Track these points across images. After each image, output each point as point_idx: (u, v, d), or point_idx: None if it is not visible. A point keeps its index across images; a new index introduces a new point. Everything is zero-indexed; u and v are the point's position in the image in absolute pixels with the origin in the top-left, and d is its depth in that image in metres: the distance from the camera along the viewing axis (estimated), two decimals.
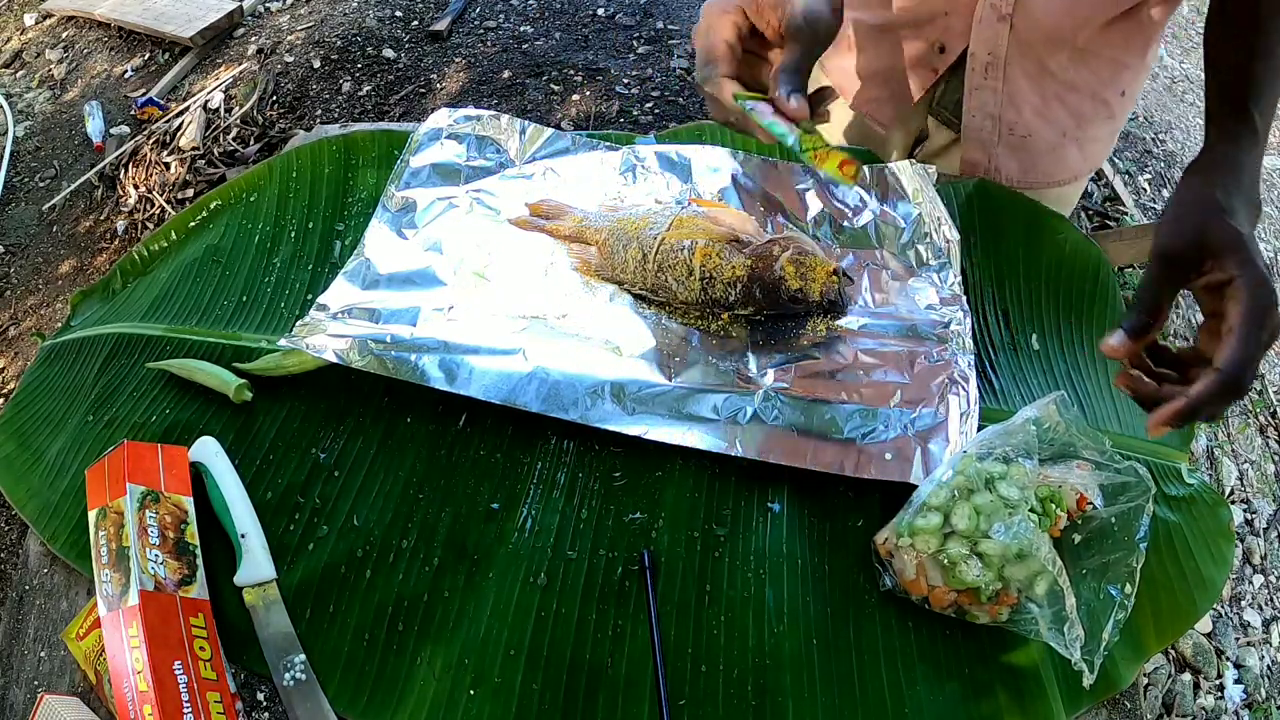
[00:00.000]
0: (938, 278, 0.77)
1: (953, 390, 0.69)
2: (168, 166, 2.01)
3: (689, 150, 0.86)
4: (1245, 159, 0.60)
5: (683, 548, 0.65)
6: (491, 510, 0.67)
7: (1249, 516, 1.55)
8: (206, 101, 2.14)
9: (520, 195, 0.84)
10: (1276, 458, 1.68)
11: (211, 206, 0.88)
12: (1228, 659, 1.35)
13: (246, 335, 0.78)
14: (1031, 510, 0.58)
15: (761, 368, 0.71)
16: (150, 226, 1.95)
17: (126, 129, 2.15)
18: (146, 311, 0.81)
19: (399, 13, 2.38)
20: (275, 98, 2.17)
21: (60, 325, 0.84)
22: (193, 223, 0.87)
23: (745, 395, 0.69)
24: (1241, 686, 1.33)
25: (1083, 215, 1.99)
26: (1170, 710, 1.29)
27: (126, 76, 2.33)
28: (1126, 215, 2.00)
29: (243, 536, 0.63)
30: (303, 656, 0.60)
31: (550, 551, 0.64)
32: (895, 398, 0.69)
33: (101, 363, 0.77)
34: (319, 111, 2.15)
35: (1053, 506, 0.59)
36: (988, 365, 0.75)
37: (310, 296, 0.79)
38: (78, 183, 2.06)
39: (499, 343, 0.72)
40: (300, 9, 2.45)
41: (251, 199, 0.88)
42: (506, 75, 2.17)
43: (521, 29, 2.30)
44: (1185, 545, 0.66)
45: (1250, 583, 1.46)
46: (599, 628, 0.61)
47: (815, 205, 0.82)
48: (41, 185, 2.14)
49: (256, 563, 0.62)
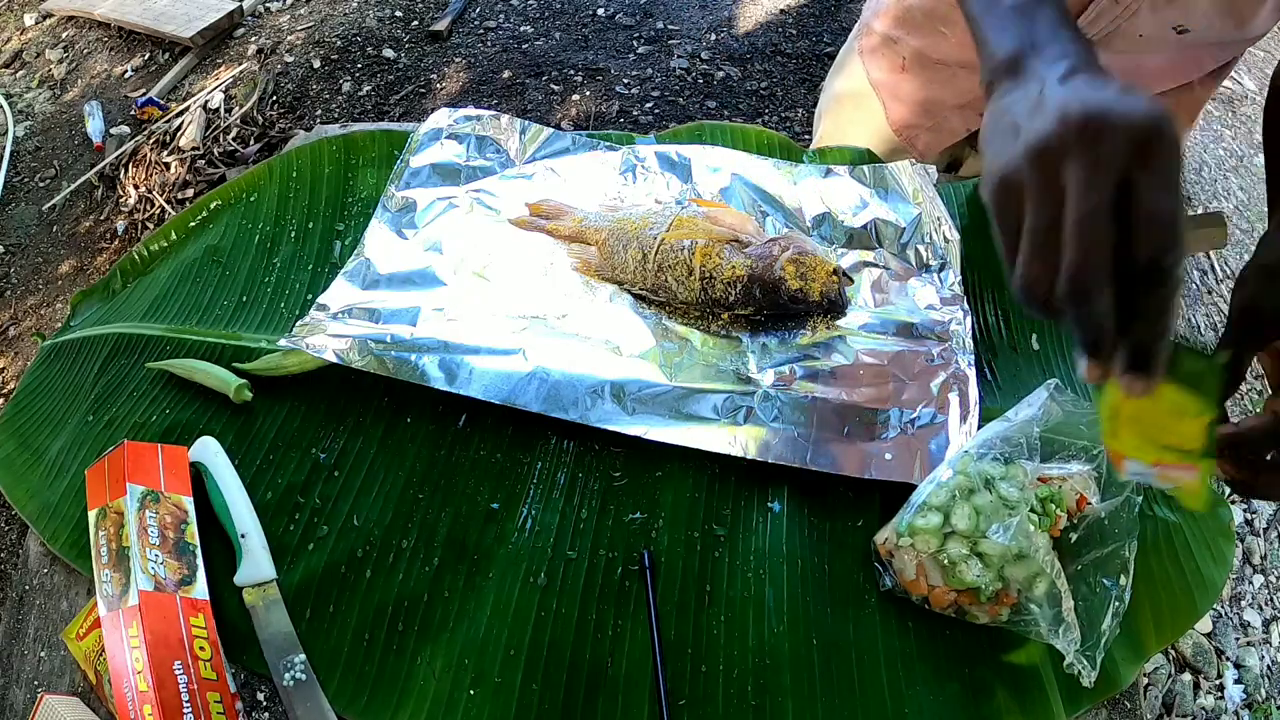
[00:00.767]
0: (938, 278, 0.77)
1: (953, 390, 0.69)
2: (168, 166, 2.01)
3: (689, 150, 0.86)
4: None
5: (682, 548, 0.65)
6: (491, 510, 0.67)
7: (1249, 516, 1.55)
8: (206, 101, 2.14)
9: (520, 195, 0.84)
10: None
11: (211, 206, 0.88)
12: (1228, 659, 1.35)
13: (246, 335, 0.78)
14: (1031, 510, 0.57)
15: (761, 368, 0.71)
16: (150, 226, 1.95)
17: (126, 129, 2.14)
18: (146, 311, 0.81)
19: (399, 13, 2.38)
20: (275, 98, 2.17)
21: (60, 325, 0.84)
22: (193, 223, 0.88)
23: (745, 395, 0.69)
24: (1241, 686, 1.33)
25: None
26: (1170, 710, 1.29)
27: (126, 76, 2.33)
28: None
29: (243, 536, 0.63)
30: (303, 656, 0.60)
31: (550, 551, 0.64)
32: (895, 398, 0.69)
33: (101, 363, 0.77)
34: (319, 111, 2.14)
35: (1052, 506, 0.59)
36: (987, 365, 0.75)
37: (310, 296, 0.80)
38: (78, 183, 2.06)
39: (499, 343, 0.72)
40: (300, 9, 2.44)
41: (251, 199, 0.88)
42: (506, 75, 2.17)
43: (521, 29, 2.29)
44: (1185, 545, 0.65)
45: (1250, 583, 1.46)
46: (599, 628, 0.61)
47: (815, 205, 0.82)
48: (41, 185, 2.14)
49: (256, 563, 0.62)
